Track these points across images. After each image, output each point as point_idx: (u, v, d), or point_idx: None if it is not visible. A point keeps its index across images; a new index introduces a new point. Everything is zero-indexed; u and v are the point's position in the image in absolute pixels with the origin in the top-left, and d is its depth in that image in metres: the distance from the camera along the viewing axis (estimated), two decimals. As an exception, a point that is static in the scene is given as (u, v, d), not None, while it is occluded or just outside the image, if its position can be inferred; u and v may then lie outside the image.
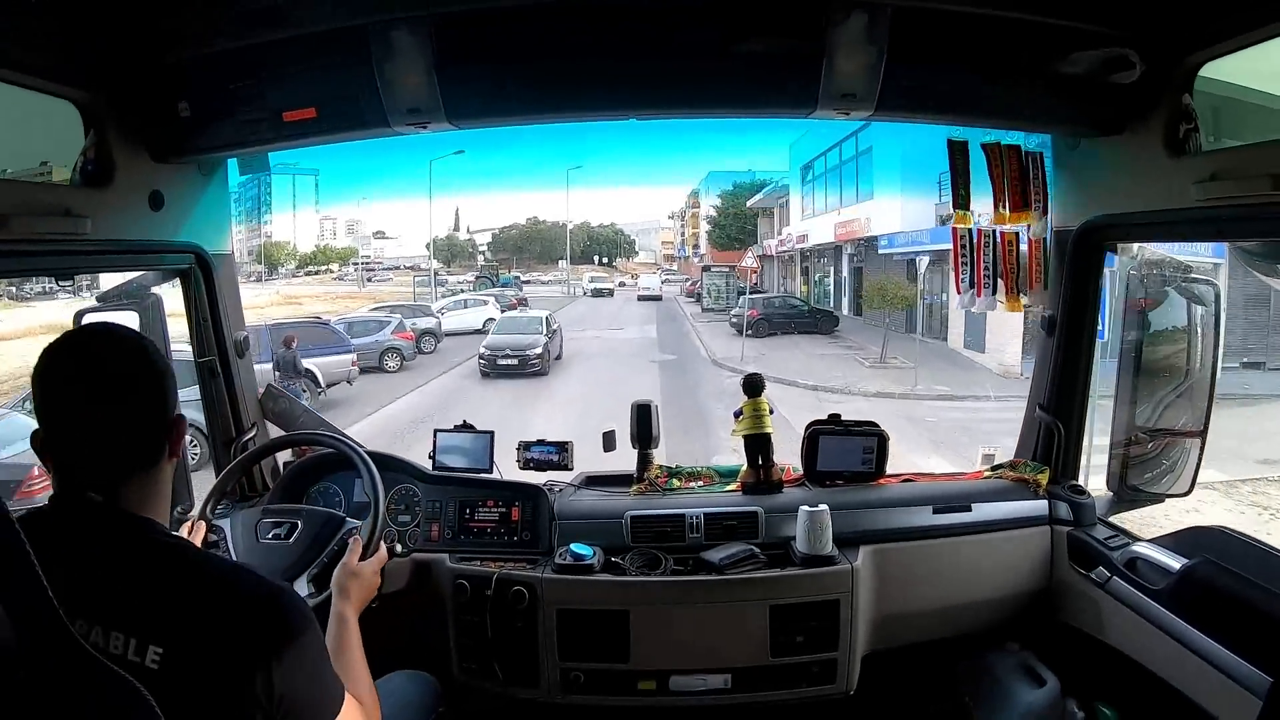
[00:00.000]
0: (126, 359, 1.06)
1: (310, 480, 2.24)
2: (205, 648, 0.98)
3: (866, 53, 1.68)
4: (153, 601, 0.98)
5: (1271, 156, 1.46)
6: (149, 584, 1.00)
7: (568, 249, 40.78)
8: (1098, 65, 1.70)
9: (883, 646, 2.08)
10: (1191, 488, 2.09)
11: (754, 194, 33.30)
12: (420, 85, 1.73)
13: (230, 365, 2.28)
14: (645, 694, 1.98)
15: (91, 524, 1.02)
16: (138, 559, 1.01)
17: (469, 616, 2.02)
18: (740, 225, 34.89)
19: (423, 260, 37.88)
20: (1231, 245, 1.91)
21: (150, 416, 1.07)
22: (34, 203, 1.62)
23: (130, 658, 0.95)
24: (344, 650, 1.41)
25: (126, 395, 1.04)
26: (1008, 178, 2.14)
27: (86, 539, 1.01)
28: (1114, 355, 2.19)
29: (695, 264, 37.91)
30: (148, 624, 0.96)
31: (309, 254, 39.98)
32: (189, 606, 0.99)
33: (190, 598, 1.00)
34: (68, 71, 1.67)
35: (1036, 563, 2.14)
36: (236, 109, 1.82)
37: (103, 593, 0.98)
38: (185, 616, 0.98)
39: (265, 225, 38.47)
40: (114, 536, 1.02)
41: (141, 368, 1.07)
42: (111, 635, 0.96)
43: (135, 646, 0.95)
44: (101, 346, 1.07)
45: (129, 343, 1.09)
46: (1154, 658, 1.76)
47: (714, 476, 2.35)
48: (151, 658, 0.95)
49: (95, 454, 1.03)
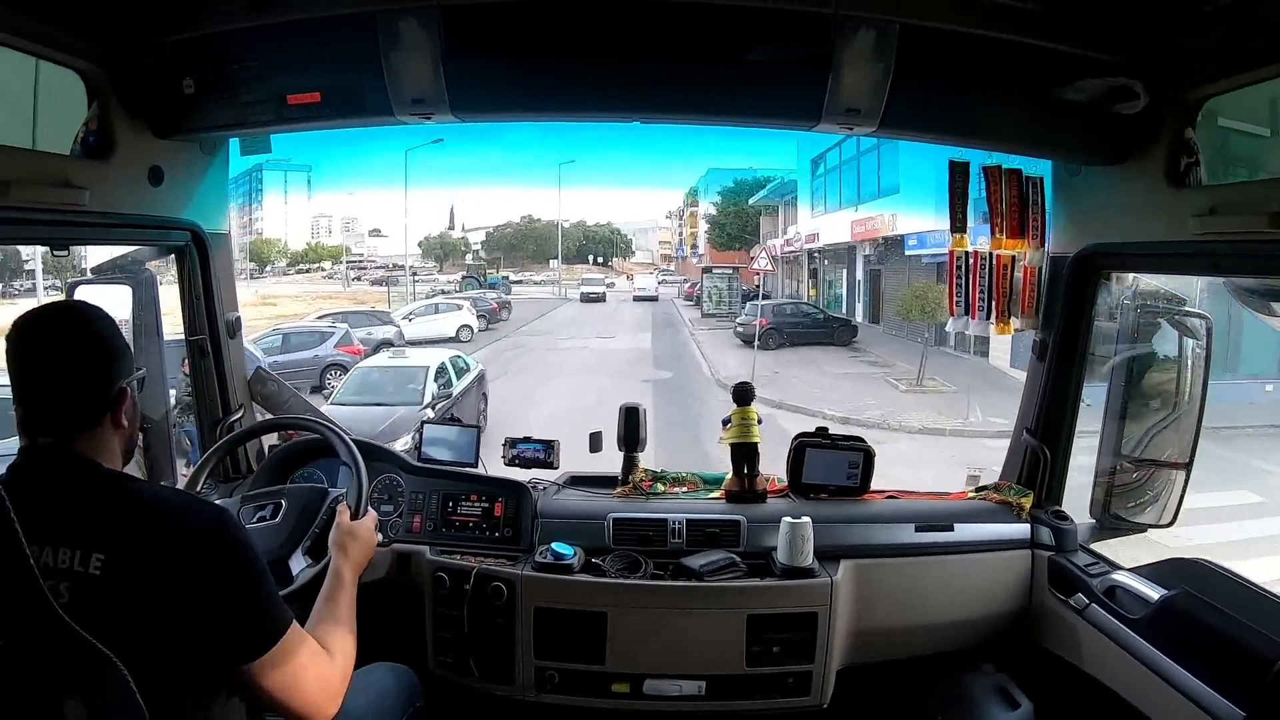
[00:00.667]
0: (74, 334, 1.19)
1: (294, 465, 2.22)
2: (141, 553, 1.08)
3: (872, 69, 1.69)
4: (93, 518, 1.10)
5: (1272, 193, 1.47)
6: (91, 505, 1.11)
7: (559, 247, 39.47)
8: (1102, 94, 1.71)
9: (859, 661, 2.08)
10: (1175, 519, 2.10)
11: (756, 192, 31.85)
12: (426, 76, 1.73)
13: (221, 345, 2.27)
14: (619, 696, 1.97)
15: (43, 462, 1.14)
16: (82, 487, 1.13)
17: (447, 610, 2.01)
18: (742, 225, 33.63)
19: (414, 259, 37.22)
20: (1227, 281, 1.92)
21: (88, 384, 1.18)
22: (34, 171, 1.61)
23: (75, 568, 1.06)
24: (333, 603, 1.42)
25: (67, 363, 1.17)
26: (1006, 202, 2.15)
27: (40, 475, 1.13)
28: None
29: (694, 264, 36.70)
30: (89, 537, 1.08)
31: (299, 252, 39.44)
32: (125, 519, 1.11)
33: (126, 511, 1.12)
34: (74, 41, 1.67)
35: (1016, 586, 2.14)
36: (241, 89, 1.82)
37: (52, 518, 1.09)
38: (121, 527, 1.10)
39: (256, 221, 37.96)
40: (61, 471, 1.14)
41: (85, 343, 1.19)
42: (60, 551, 1.07)
43: (80, 557, 1.07)
44: (57, 322, 1.21)
45: (80, 321, 1.21)
46: (1129, 686, 1.76)
47: (699, 483, 2.35)
48: (94, 565, 1.06)
49: (43, 408, 1.16)
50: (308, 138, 3.78)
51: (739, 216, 33.91)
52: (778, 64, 1.74)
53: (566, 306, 30.13)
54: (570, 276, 37.49)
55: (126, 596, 1.06)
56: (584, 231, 42.99)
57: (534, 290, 33.26)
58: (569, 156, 36.05)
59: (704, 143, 38.02)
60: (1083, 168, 2.03)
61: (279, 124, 1.91)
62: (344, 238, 40.53)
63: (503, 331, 22.84)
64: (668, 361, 17.15)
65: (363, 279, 35.95)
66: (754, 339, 17.27)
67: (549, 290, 35.73)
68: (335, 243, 39.76)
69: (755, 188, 32.11)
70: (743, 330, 18.88)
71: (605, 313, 27.91)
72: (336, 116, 1.88)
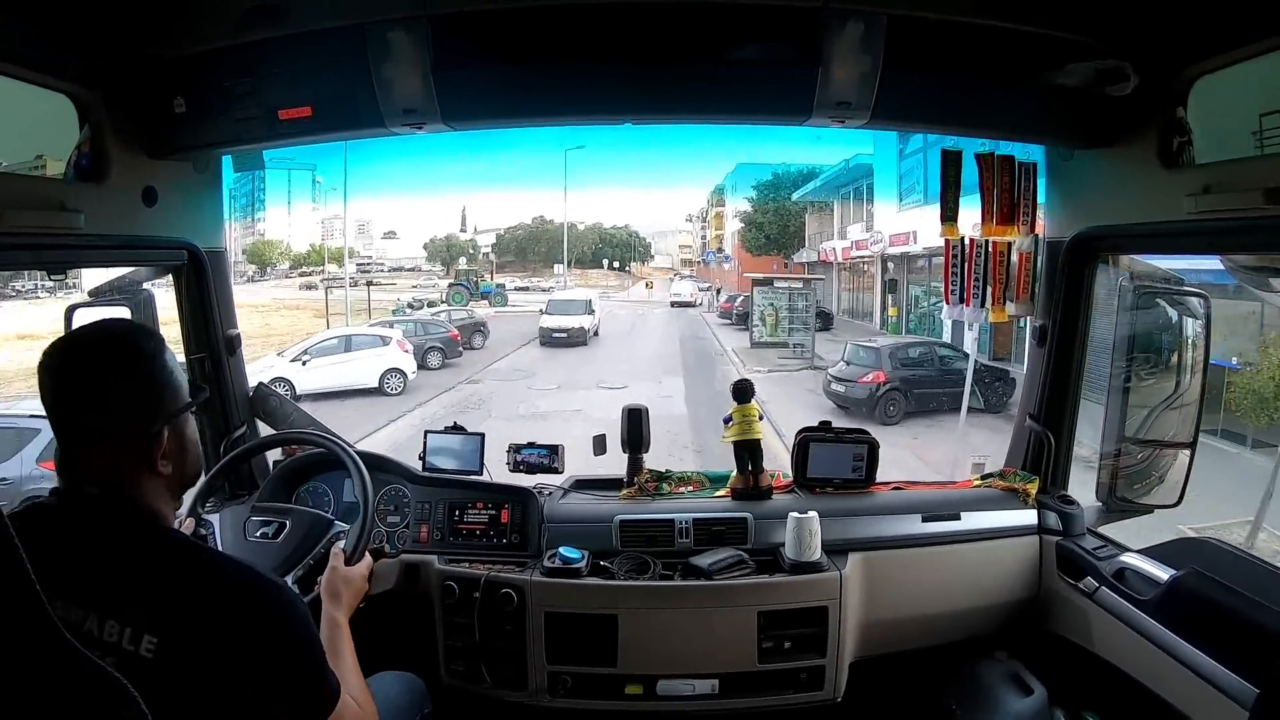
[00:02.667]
0: (116, 365, 1.08)
1: (300, 479, 2.23)
2: (199, 639, 1.00)
3: (861, 61, 1.69)
4: (148, 592, 1.00)
5: (1264, 170, 1.47)
6: (145, 576, 1.02)
7: (564, 250, 35.93)
8: (1092, 77, 1.71)
9: (870, 654, 2.08)
10: (1180, 499, 2.10)
11: (800, 186, 25.94)
12: (416, 86, 1.73)
13: (221, 362, 2.27)
14: (633, 698, 1.97)
15: (88, 515, 1.04)
16: (133, 550, 1.03)
17: (457, 618, 2.01)
18: (782, 224, 28.05)
19: (422, 262, 35.10)
20: (1223, 258, 1.92)
21: (129, 423, 1.07)
22: (28, 196, 1.61)
23: (125, 646, 0.97)
24: (339, 655, 1.41)
25: (108, 399, 1.06)
26: (998, 188, 2.15)
27: (83, 529, 1.03)
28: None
29: (726, 270, 31.39)
30: (142, 614, 0.99)
31: (302, 254, 38.23)
32: (182, 598, 1.01)
33: (183, 589, 1.02)
34: (63, 66, 1.67)
35: (1025, 572, 2.14)
36: (232, 106, 1.82)
37: (98, 581, 1.00)
38: (178, 607, 1.00)
39: (259, 223, 36.72)
40: (108, 527, 1.04)
41: (127, 376, 1.08)
42: (107, 624, 0.98)
43: (130, 635, 0.98)
44: (98, 350, 1.09)
45: (123, 348, 1.11)
46: (1141, 668, 1.76)
47: (704, 482, 2.34)
48: (146, 647, 0.98)
49: (85, 450, 1.06)
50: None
51: (779, 215, 28.19)
52: (767, 60, 1.74)
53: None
54: (583, 283, 32.26)
55: (179, 683, 0.99)
56: (600, 234, 38.99)
57: (542, 298, 24.99)
58: (582, 159, 32.44)
59: (728, 136, 32.09)
60: (1075, 152, 2.03)
61: (271, 139, 1.91)
62: (356, 239, 37.18)
63: (466, 369, 16.27)
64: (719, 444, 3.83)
65: (358, 283, 29.46)
66: (865, 404, 11.16)
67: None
68: (346, 245, 35.16)
69: (800, 181, 26.43)
70: (842, 390, 11.74)
71: (614, 337, 20.52)
72: (328, 130, 1.88)
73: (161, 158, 1.93)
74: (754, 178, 28.61)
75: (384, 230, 37.12)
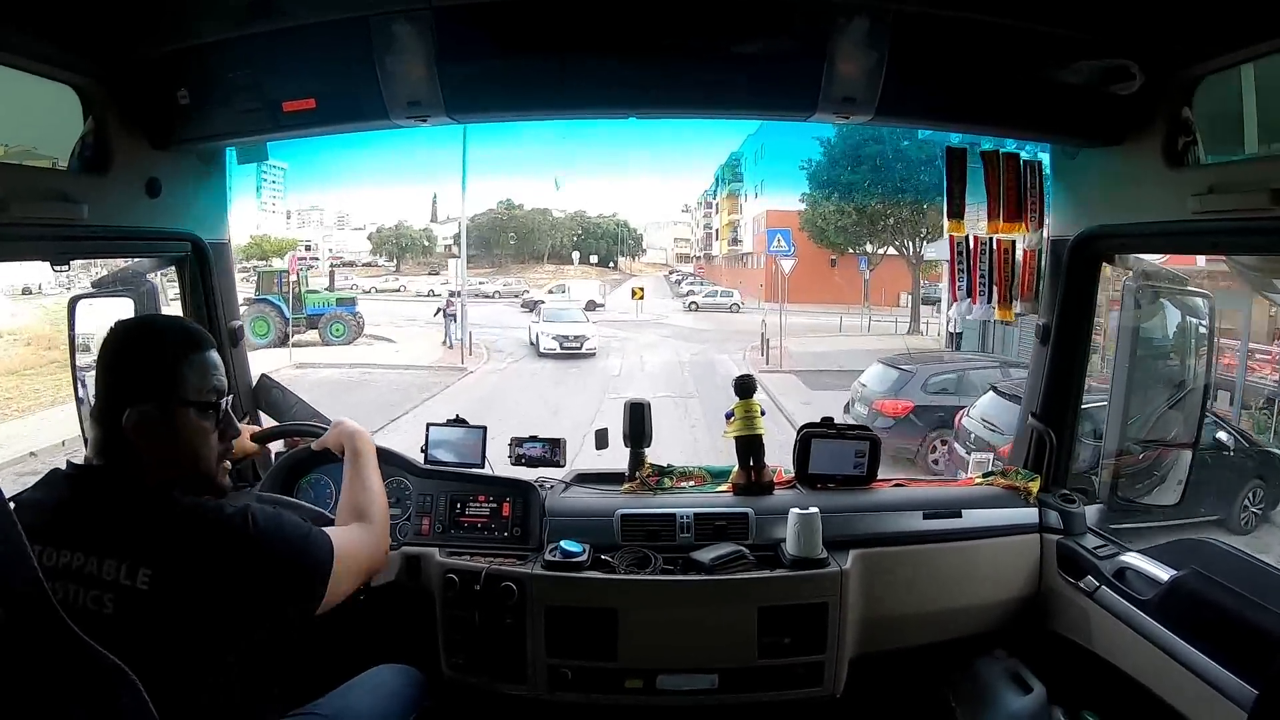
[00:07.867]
0: (107, 352, 1.25)
1: (301, 471, 2.23)
2: (189, 564, 1.12)
3: (867, 57, 1.69)
4: (142, 533, 1.13)
5: (1270, 171, 1.47)
6: (140, 522, 1.14)
7: (548, 244, 31.09)
8: (1098, 75, 1.71)
9: (870, 650, 2.08)
10: (1182, 499, 2.10)
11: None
12: (420, 78, 1.73)
13: (224, 354, 2.27)
14: (632, 692, 1.98)
15: (94, 480, 1.20)
16: (125, 502, 1.17)
17: (458, 611, 2.02)
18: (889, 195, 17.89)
19: (363, 255, 30.53)
20: (1229, 258, 1.91)
21: (105, 405, 1.21)
22: (31, 187, 1.62)
23: (122, 580, 1.10)
24: (360, 475, 1.59)
25: (103, 380, 1.23)
26: (1004, 186, 2.14)
27: (88, 491, 1.18)
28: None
29: (748, 270, 25.54)
30: (137, 551, 1.11)
31: (240, 247, 32.58)
32: (167, 534, 1.14)
33: (168, 527, 1.15)
34: (68, 57, 1.67)
35: (1026, 570, 2.14)
36: (236, 98, 1.83)
37: (98, 530, 1.13)
38: (169, 541, 1.13)
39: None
40: (106, 487, 1.18)
41: (111, 359, 1.24)
42: (105, 563, 1.10)
43: (126, 570, 1.10)
44: (111, 339, 1.26)
45: (115, 338, 1.26)
46: (1141, 668, 1.77)
47: (706, 477, 2.34)
48: (142, 579, 1.10)
49: (103, 426, 1.21)
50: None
51: (878, 182, 17.87)
52: (772, 55, 1.73)
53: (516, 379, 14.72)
54: (558, 280, 26.63)
55: (176, 607, 1.10)
56: (583, 223, 32.91)
57: (488, 311, 18.51)
58: (571, 152, 28.23)
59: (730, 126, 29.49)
60: (1081, 150, 2.02)
61: (275, 131, 1.92)
62: (302, 230, 31.89)
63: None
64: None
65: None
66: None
67: (520, 314, 20.80)
68: (290, 236, 30.55)
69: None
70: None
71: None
72: (332, 122, 1.88)
73: (165, 149, 1.93)
74: (784, 144, 20.58)
75: (336, 217, 32.11)
